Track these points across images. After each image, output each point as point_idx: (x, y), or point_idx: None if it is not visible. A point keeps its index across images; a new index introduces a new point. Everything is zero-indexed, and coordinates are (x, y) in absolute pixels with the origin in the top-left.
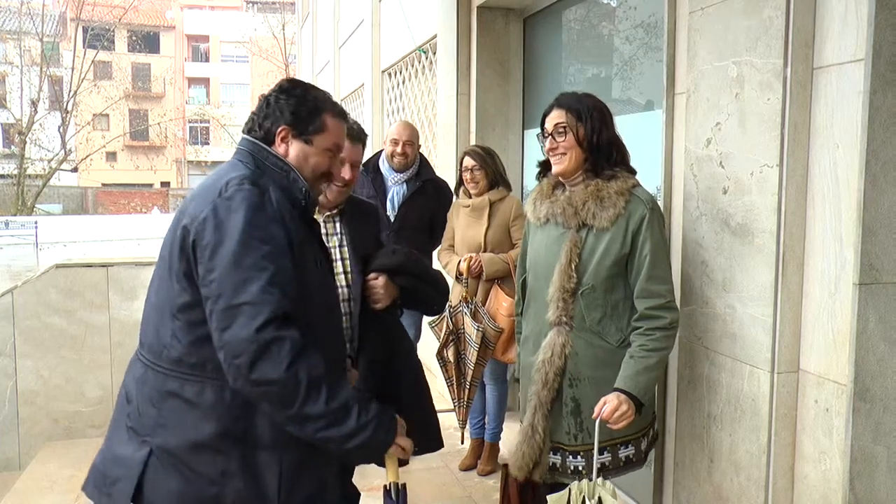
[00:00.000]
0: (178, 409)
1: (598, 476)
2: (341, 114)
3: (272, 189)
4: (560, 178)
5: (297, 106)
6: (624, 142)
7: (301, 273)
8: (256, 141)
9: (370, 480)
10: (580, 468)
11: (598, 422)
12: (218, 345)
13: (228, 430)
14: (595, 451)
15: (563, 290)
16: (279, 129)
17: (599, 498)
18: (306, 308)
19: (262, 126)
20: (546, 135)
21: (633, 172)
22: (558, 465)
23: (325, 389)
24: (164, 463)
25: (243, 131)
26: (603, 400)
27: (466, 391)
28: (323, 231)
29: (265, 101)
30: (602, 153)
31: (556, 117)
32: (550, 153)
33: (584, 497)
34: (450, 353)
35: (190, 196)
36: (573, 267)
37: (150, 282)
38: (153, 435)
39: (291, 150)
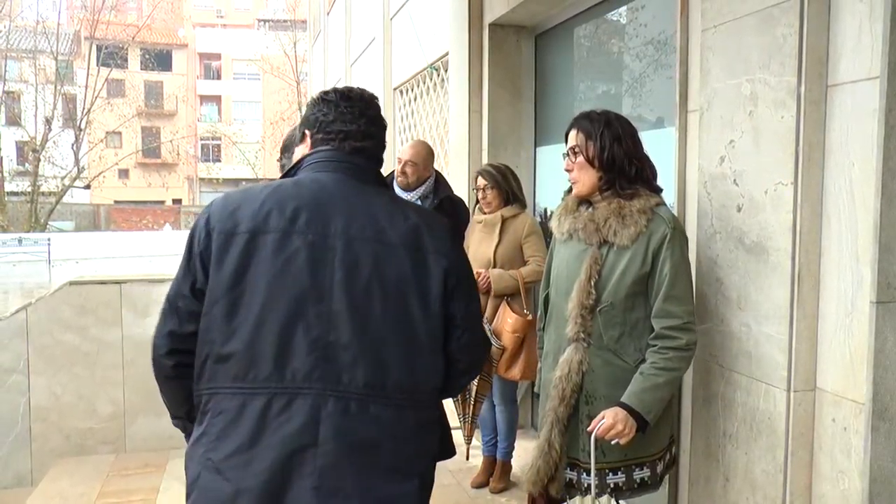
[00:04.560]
0: (431, 432)
1: (609, 494)
2: None
3: None
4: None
5: None
6: (651, 159)
7: None
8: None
9: None
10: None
11: (592, 436)
12: (463, 357)
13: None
14: (592, 467)
15: (581, 307)
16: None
17: None
18: None
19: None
20: (565, 155)
21: (658, 191)
22: (574, 482)
23: None
24: (428, 482)
25: (369, 156)
26: (601, 414)
27: (471, 407)
28: None
29: (371, 121)
30: (617, 170)
31: (571, 138)
32: (568, 174)
33: None
34: None
35: (424, 236)
36: (592, 283)
37: (362, 315)
38: (415, 465)
39: None
